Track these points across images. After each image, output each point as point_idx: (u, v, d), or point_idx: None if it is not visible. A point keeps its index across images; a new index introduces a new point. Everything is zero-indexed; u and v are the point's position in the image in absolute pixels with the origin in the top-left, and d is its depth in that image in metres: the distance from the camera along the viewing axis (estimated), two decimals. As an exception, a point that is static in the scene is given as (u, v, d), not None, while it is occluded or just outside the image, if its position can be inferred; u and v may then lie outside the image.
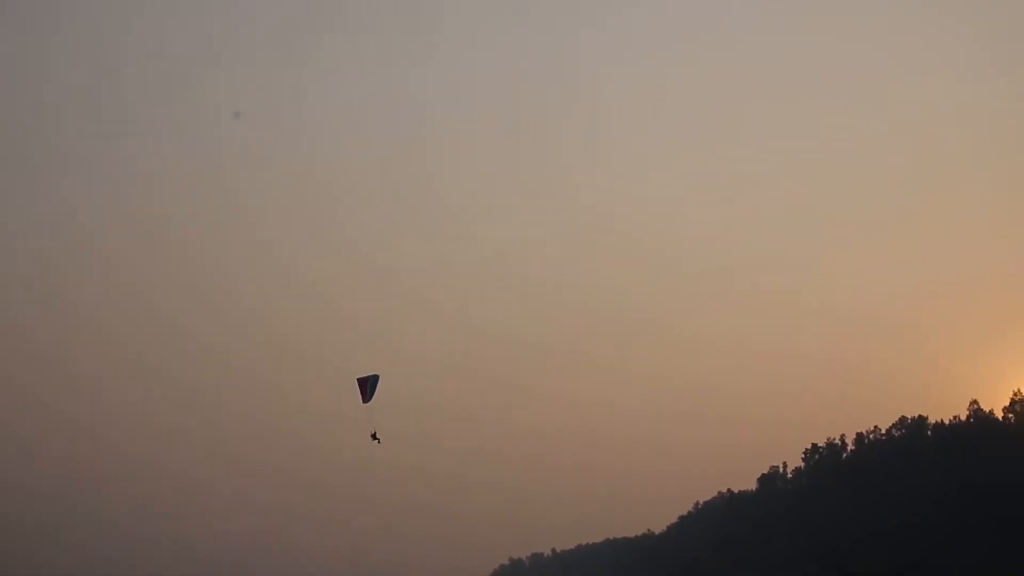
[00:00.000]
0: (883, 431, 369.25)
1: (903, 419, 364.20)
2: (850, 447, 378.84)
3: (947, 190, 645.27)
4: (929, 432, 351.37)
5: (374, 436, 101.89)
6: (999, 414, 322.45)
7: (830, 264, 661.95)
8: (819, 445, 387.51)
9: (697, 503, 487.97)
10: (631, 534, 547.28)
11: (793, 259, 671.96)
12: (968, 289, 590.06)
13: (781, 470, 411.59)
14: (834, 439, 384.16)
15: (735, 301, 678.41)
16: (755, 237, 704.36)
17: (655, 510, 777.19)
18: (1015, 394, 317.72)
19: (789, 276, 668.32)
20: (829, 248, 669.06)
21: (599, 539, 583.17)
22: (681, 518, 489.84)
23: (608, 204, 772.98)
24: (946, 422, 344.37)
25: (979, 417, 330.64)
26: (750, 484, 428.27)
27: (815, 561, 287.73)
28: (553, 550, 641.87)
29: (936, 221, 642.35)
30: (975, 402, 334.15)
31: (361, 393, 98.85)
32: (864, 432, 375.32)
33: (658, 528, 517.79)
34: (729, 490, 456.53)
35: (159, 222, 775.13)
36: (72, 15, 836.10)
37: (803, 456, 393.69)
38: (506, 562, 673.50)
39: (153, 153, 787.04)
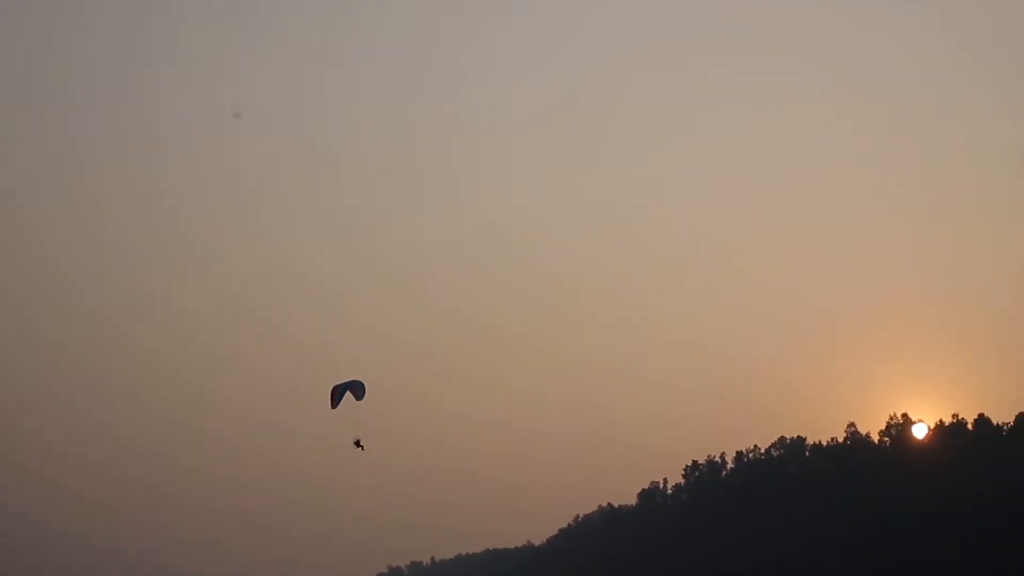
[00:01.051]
0: (762, 450, 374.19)
1: (782, 439, 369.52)
2: (730, 465, 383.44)
3: (829, 215, 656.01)
4: (807, 453, 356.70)
5: (357, 443, 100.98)
6: (875, 437, 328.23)
7: (713, 285, 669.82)
8: (699, 462, 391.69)
9: (577, 516, 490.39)
10: (511, 545, 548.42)
11: (676, 279, 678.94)
12: (848, 314, 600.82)
13: (661, 486, 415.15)
14: (714, 457, 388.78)
15: (619, 319, 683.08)
16: (641, 257, 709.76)
17: (536, 522, 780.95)
18: (891, 418, 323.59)
19: (675, 296, 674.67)
20: (712, 269, 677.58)
21: (479, 549, 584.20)
22: (561, 531, 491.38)
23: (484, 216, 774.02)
24: (824, 443, 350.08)
25: (856, 439, 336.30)
26: (631, 499, 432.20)
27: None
28: (432, 559, 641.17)
29: (816, 246, 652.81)
30: (852, 424, 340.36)
31: (331, 399, 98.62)
32: (744, 451, 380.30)
33: (538, 540, 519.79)
34: (609, 504, 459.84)
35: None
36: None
37: (683, 472, 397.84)
38: (384, 570, 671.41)
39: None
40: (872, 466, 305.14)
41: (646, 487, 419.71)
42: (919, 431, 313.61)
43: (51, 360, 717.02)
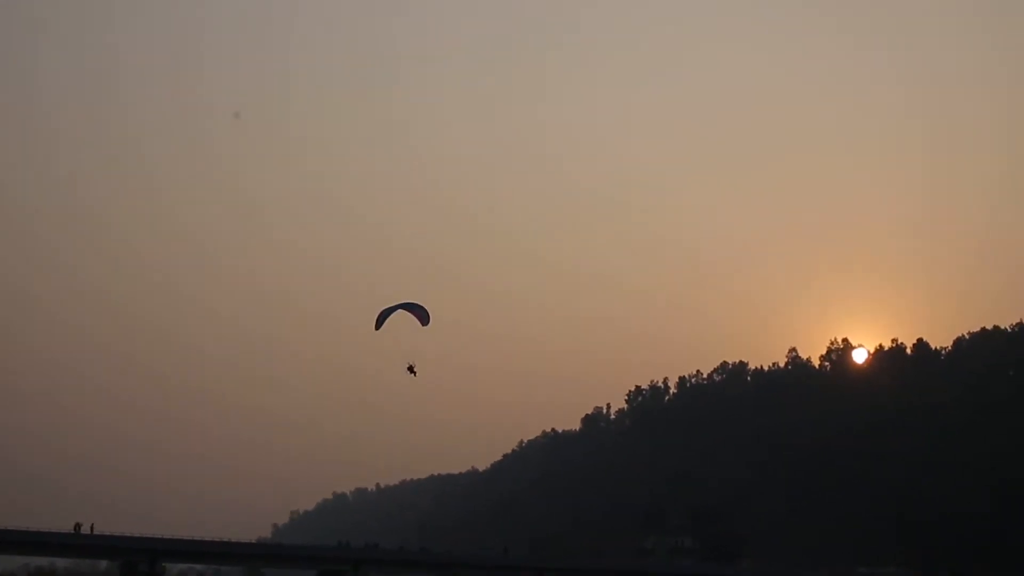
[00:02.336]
0: (705, 375, 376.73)
1: (724, 364, 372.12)
2: (672, 390, 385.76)
3: (771, 147, 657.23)
4: (749, 378, 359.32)
5: (411, 368, 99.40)
6: (816, 362, 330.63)
7: (654, 213, 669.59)
8: (642, 387, 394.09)
9: (522, 442, 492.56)
10: (456, 471, 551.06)
11: (623, 210, 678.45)
12: (789, 241, 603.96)
13: (604, 411, 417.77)
14: (657, 382, 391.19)
15: (565, 250, 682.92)
16: (583, 188, 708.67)
17: (482, 449, 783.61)
18: (832, 343, 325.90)
19: (621, 226, 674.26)
20: (657, 199, 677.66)
21: (424, 475, 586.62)
22: (505, 456, 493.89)
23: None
24: (765, 368, 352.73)
25: (797, 364, 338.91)
26: (574, 424, 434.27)
27: (628, 502, 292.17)
28: (377, 485, 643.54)
29: (755, 177, 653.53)
30: (793, 349, 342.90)
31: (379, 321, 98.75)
32: (686, 376, 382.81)
33: (483, 465, 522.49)
34: (553, 429, 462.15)
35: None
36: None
37: (626, 398, 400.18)
38: (330, 496, 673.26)
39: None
40: (813, 390, 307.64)
41: (589, 412, 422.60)
42: (859, 356, 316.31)
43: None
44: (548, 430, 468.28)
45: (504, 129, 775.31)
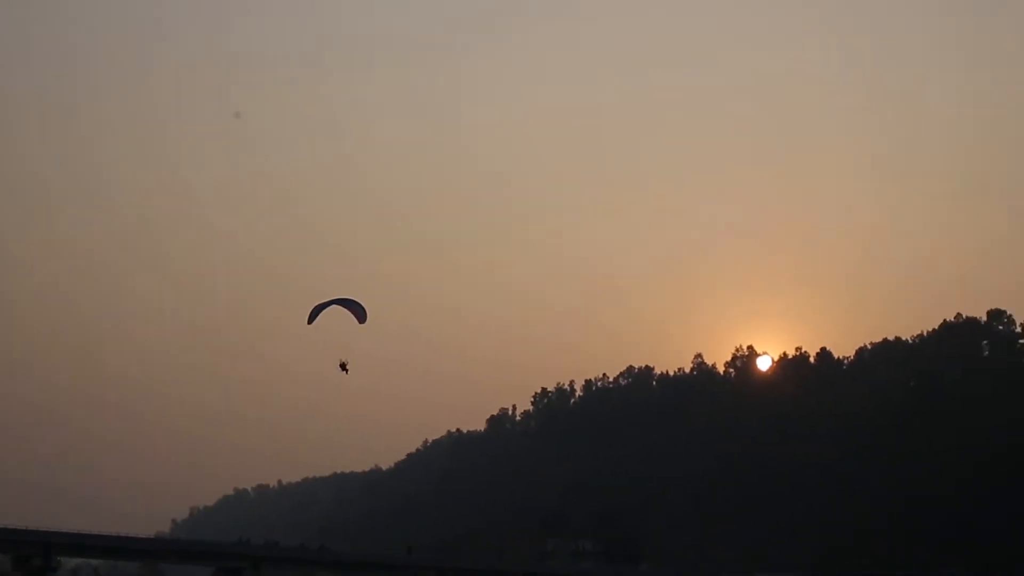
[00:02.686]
0: (611, 379, 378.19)
1: (631, 368, 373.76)
2: (578, 392, 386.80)
3: (682, 153, 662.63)
4: (654, 383, 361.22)
5: (343, 366, 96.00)
6: (721, 369, 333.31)
7: (564, 219, 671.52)
8: (548, 390, 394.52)
9: (426, 441, 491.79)
10: (359, 469, 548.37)
11: (529, 213, 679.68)
12: (698, 248, 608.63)
13: (510, 412, 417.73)
14: (563, 385, 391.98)
15: (472, 247, 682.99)
16: (494, 186, 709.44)
17: (386, 447, 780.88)
18: (737, 350, 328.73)
19: (525, 229, 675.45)
20: (570, 199, 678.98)
21: (326, 473, 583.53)
22: (409, 455, 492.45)
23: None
24: (671, 373, 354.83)
25: (702, 370, 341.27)
26: (479, 425, 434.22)
27: (531, 503, 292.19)
28: (279, 482, 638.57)
29: (670, 182, 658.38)
30: (699, 355, 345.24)
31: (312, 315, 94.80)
32: (593, 379, 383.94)
33: (386, 464, 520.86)
34: (458, 430, 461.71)
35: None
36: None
37: (532, 400, 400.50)
38: (231, 492, 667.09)
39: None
40: (717, 396, 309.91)
41: (495, 413, 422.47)
42: (763, 363, 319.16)
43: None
44: (453, 430, 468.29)
45: (421, 136, 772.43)
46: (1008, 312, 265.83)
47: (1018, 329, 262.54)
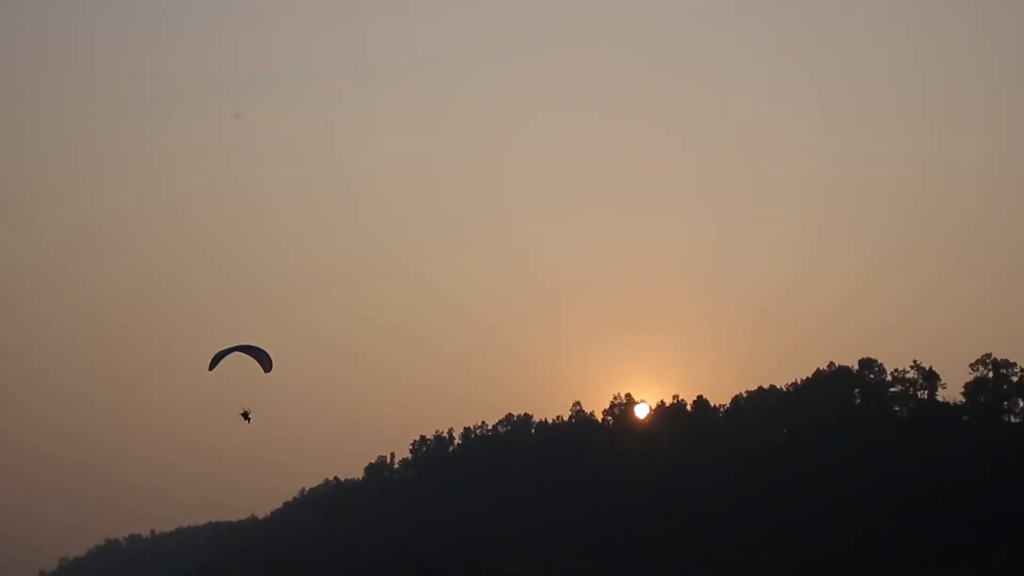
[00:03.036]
0: (490, 427, 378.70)
1: (509, 416, 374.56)
2: (457, 440, 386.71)
3: (558, 203, 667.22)
4: (533, 430, 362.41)
5: (245, 415, 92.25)
6: (599, 416, 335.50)
7: (444, 266, 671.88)
8: (427, 437, 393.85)
9: (303, 490, 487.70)
10: (234, 518, 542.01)
11: (409, 259, 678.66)
12: (577, 297, 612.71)
13: (389, 460, 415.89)
14: (442, 432, 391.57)
15: (348, 293, 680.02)
16: (376, 235, 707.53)
17: (262, 496, 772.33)
18: (615, 398, 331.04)
19: (404, 275, 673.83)
20: (448, 249, 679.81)
21: (201, 522, 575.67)
22: (286, 503, 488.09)
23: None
24: (550, 421, 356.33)
25: (581, 418, 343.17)
26: (358, 473, 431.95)
27: (410, 551, 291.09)
28: (152, 531, 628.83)
29: (546, 232, 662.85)
30: (578, 403, 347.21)
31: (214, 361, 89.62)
32: (472, 427, 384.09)
33: (262, 513, 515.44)
34: (336, 478, 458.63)
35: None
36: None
37: (411, 448, 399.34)
38: (101, 543, 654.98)
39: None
40: (595, 444, 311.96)
41: (373, 461, 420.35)
42: (641, 411, 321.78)
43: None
44: (331, 478, 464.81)
45: (304, 174, 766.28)
46: (879, 361, 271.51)
47: (888, 378, 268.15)
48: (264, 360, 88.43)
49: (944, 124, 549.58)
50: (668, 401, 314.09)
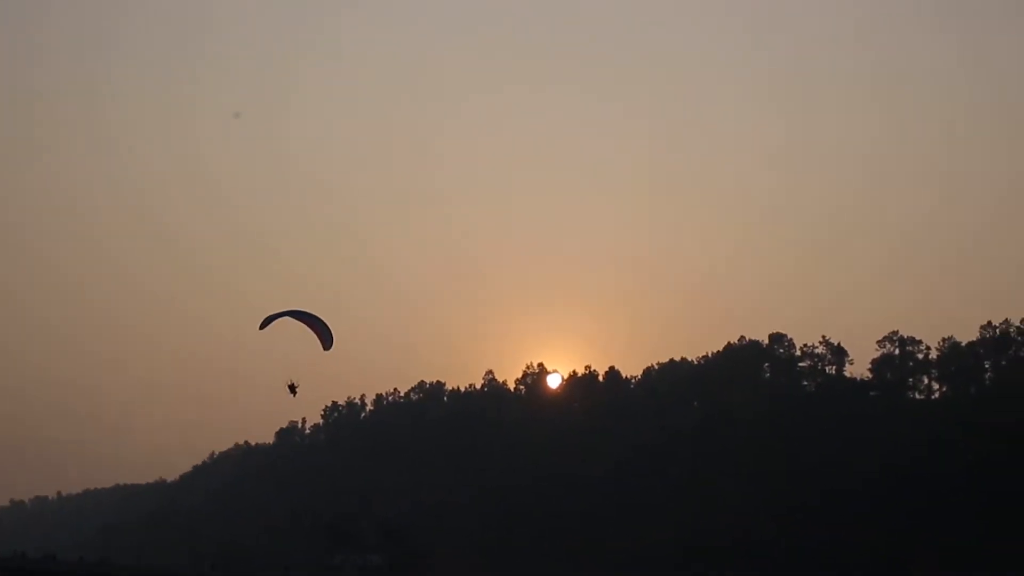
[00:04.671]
0: (402, 394, 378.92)
1: (422, 383, 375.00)
2: (369, 407, 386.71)
3: (472, 177, 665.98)
4: (446, 398, 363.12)
5: (292, 388, 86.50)
6: (512, 385, 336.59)
7: (356, 231, 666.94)
8: (339, 403, 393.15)
9: (213, 453, 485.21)
10: (143, 481, 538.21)
11: (318, 225, 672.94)
12: (493, 268, 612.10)
13: (300, 425, 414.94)
14: (354, 399, 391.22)
15: (260, 258, 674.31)
16: (290, 199, 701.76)
17: (172, 459, 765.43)
18: (528, 367, 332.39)
19: (314, 240, 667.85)
20: (360, 215, 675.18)
21: (109, 484, 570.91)
22: (196, 467, 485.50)
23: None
24: (462, 389, 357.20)
25: (493, 387, 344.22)
26: (268, 438, 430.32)
27: (320, 517, 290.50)
28: (59, 493, 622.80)
29: (463, 202, 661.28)
30: (490, 372, 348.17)
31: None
32: (384, 394, 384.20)
33: (171, 476, 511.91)
34: (246, 442, 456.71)
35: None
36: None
37: (322, 413, 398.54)
38: (6, 504, 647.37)
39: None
40: (507, 412, 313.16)
41: (284, 426, 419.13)
42: (553, 381, 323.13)
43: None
44: (241, 443, 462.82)
45: (244, 146, 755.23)
46: (788, 336, 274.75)
47: (798, 353, 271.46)
48: (325, 336, 77.70)
49: (866, 108, 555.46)
50: (580, 371, 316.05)
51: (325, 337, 78.08)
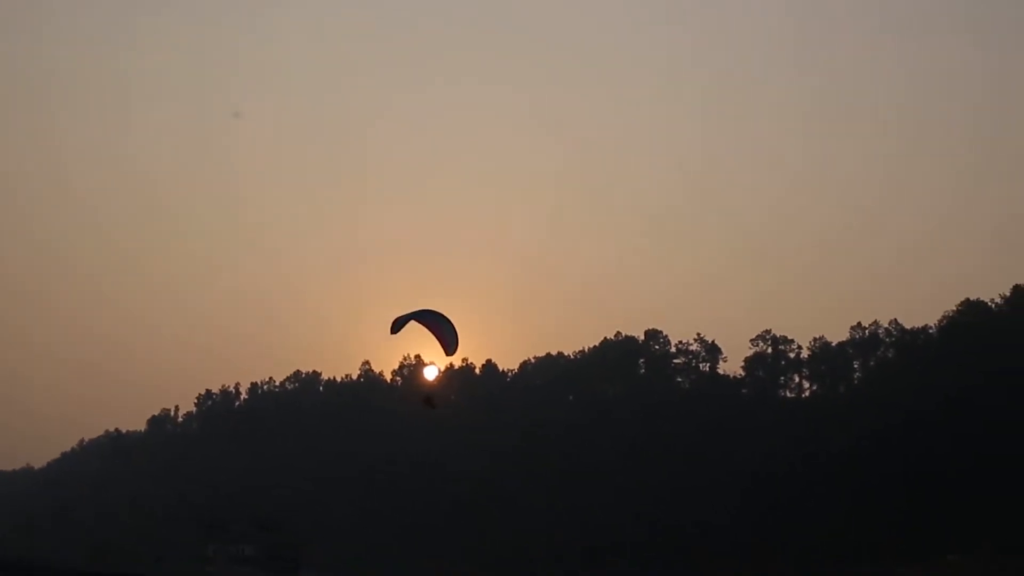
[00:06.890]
0: (277, 383, 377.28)
1: (297, 372, 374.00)
2: (243, 396, 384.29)
3: (347, 162, 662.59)
4: (321, 388, 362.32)
5: (428, 401, 78.07)
6: (388, 376, 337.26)
7: (237, 219, 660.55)
8: (212, 392, 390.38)
9: (82, 440, 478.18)
10: (9, 468, 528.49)
11: (197, 211, 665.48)
12: (371, 257, 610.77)
13: (172, 413, 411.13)
14: (228, 387, 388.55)
15: (135, 240, 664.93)
16: (168, 182, 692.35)
17: (38, 446, 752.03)
18: (404, 359, 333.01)
19: (196, 226, 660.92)
20: (239, 205, 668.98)
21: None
22: (64, 454, 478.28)
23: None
24: (338, 379, 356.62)
25: (369, 377, 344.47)
26: (140, 425, 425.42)
27: (192, 507, 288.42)
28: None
29: (342, 190, 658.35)
30: (367, 362, 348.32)
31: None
32: (259, 382, 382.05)
33: (39, 463, 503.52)
34: (117, 429, 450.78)
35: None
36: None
37: (195, 401, 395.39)
38: None
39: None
40: (383, 402, 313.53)
41: (156, 414, 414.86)
42: (430, 372, 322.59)
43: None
44: (111, 429, 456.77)
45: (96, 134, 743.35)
46: (664, 332, 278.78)
47: (673, 349, 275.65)
48: (449, 341, 68.46)
49: (746, 108, 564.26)
50: (457, 364, 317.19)
51: (449, 342, 71.20)
